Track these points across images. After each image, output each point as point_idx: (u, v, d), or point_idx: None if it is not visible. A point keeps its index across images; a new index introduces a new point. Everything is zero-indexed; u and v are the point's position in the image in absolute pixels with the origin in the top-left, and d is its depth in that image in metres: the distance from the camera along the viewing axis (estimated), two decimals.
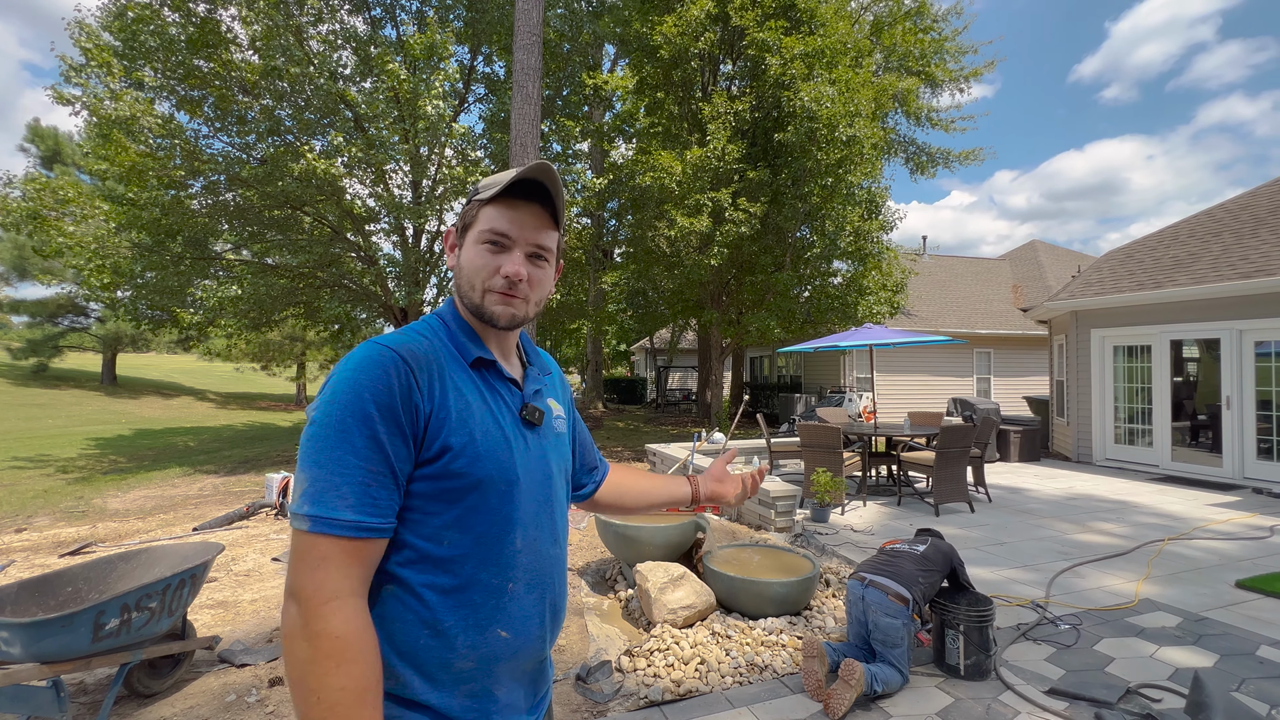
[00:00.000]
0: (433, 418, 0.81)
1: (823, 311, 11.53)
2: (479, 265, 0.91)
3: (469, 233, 0.94)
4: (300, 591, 0.73)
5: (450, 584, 0.82)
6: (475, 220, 0.93)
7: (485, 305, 0.92)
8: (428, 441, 0.81)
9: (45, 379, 23.21)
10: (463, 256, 0.94)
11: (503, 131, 11.03)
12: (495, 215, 0.91)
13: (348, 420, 0.76)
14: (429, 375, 0.83)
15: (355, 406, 0.76)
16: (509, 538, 0.87)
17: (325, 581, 0.73)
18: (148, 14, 9.24)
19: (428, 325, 0.93)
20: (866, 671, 2.59)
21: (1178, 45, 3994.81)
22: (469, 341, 0.93)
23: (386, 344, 0.82)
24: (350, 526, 0.74)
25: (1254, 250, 7.83)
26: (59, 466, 10.08)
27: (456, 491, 0.82)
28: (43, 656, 2.28)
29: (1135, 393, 8.75)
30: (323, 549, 0.73)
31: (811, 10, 10.88)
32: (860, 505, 6.26)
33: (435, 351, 0.86)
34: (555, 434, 1.02)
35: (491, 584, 0.85)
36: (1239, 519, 5.76)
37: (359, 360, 0.80)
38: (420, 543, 0.81)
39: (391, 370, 0.79)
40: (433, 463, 0.81)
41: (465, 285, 0.93)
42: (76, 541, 5.49)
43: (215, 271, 11.21)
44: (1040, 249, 20.50)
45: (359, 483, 0.75)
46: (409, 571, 0.81)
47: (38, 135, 23.44)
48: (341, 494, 0.74)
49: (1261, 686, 2.73)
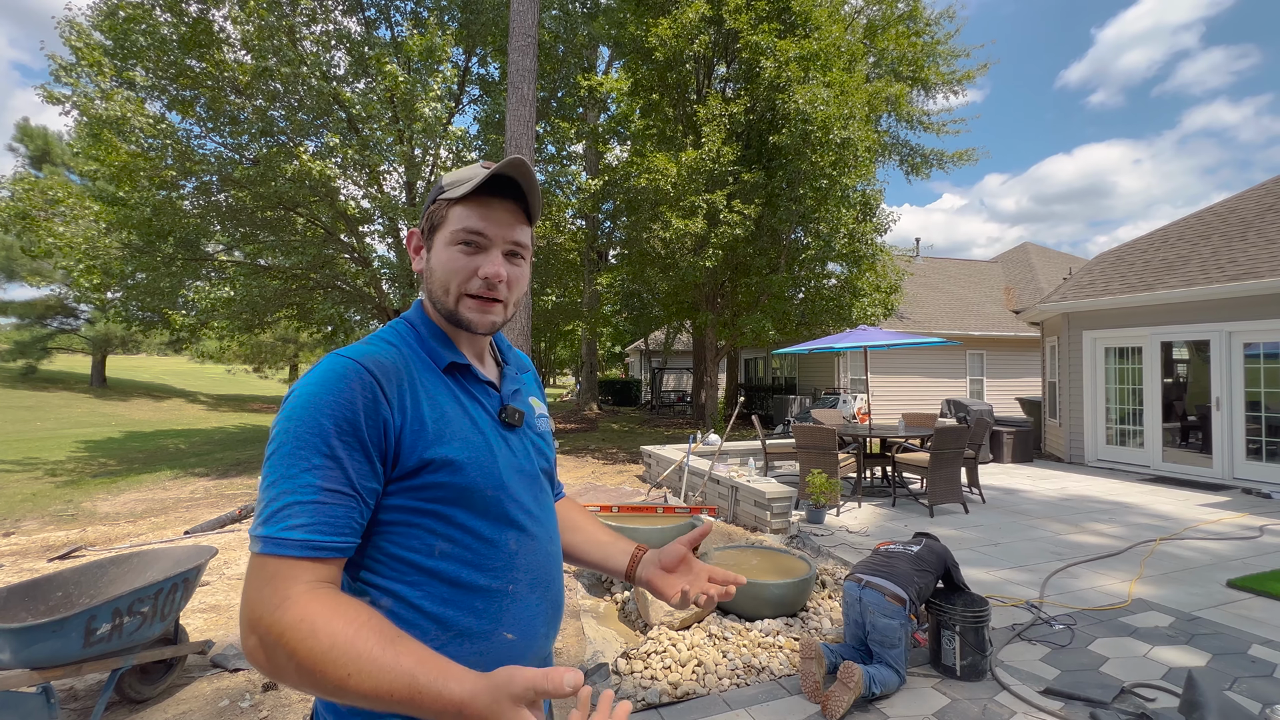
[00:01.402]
0: (405, 431, 0.79)
1: (817, 313, 11.58)
2: (454, 268, 0.87)
3: (438, 234, 0.89)
4: (252, 612, 0.68)
5: (448, 593, 0.81)
6: (445, 220, 0.88)
7: (460, 312, 0.88)
8: (402, 456, 0.78)
9: (33, 381, 22.97)
10: (433, 259, 0.90)
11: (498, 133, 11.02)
12: (467, 214, 0.87)
13: (305, 437, 0.73)
14: (398, 386, 0.80)
15: (313, 423, 0.73)
16: (503, 541, 0.86)
17: (274, 593, 0.69)
18: (139, 13, 9.19)
19: (395, 332, 0.90)
20: (865, 674, 2.60)
21: (1162, 52, 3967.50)
22: (440, 346, 0.90)
23: (350, 356, 0.79)
24: (302, 546, 0.71)
25: (1242, 253, 7.92)
26: (47, 469, 9.97)
27: (441, 502, 0.81)
28: (33, 662, 2.26)
29: (1126, 394, 8.82)
30: (271, 568, 0.70)
31: (806, 14, 10.94)
32: (855, 507, 6.28)
33: (404, 360, 0.83)
34: (537, 433, 1.00)
35: (491, 588, 0.84)
36: (1230, 519, 5.82)
37: (320, 374, 0.77)
38: (412, 555, 0.80)
39: (355, 384, 0.76)
40: (411, 476, 0.79)
41: (438, 289, 0.89)
42: (66, 545, 5.43)
43: (207, 273, 11.14)
44: (1032, 251, 20.65)
45: (313, 501, 0.72)
46: (403, 586, 0.79)
47: (26, 135, 23.22)
48: (293, 513, 0.71)
49: (1253, 685, 2.76)
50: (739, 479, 5.87)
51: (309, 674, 0.66)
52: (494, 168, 0.86)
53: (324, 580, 0.72)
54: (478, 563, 0.83)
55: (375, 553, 0.80)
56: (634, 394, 27.04)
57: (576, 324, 13.97)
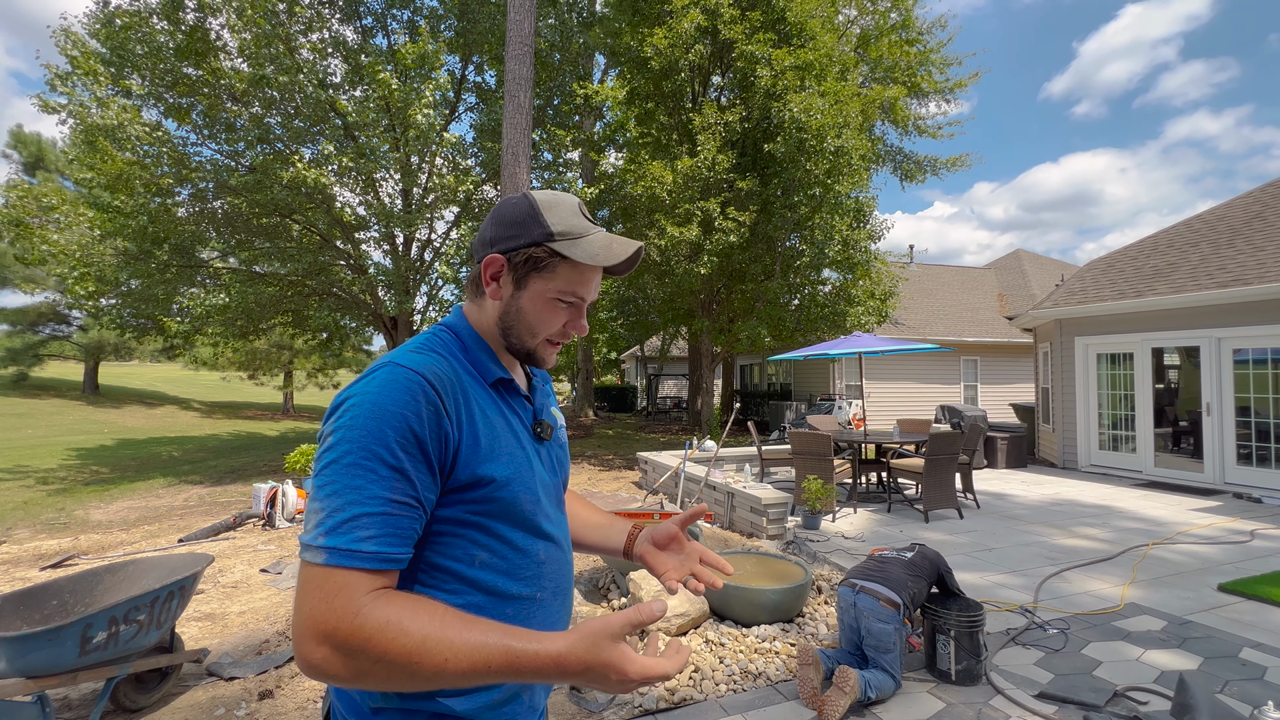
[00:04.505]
0: (462, 445, 0.80)
1: (812, 320, 11.63)
2: (549, 319, 0.91)
3: (539, 281, 0.89)
4: (324, 624, 0.68)
5: (484, 601, 0.83)
6: (552, 274, 0.89)
7: (538, 352, 0.94)
8: (457, 469, 0.79)
9: (25, 388, 22.80)
10: (525, 301, 0.90)
11: (494, 140, 11.06)
12: (578, 279, 0.90)
13: (370, 446, 0.72)
14: (455, 401, 0.81)
15: (377, 433, 0.72)
16: (534, 551, 0.88)
17: (349, 602, 0.69)
18: (136, 21, 9.21)
19: (441, 342, 0.89)
20: (860, 678, 2.61)
21: (1142, 64, 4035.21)
22: (489, 360, 0.91)
23: (411, 366, 0.78)
24: (373, 558, 0.71)
25: (1230, 260, 8.02)
26: (39, 477, 9.89)
27: (487, 515, 0.83)
28: (28, 671, 2.25)
29: (1118, 399, 8.90)
30: (340, 579, 0.69)
31: (800, 24, 11.05)
32: (851, 512, 6.30)
33: (456, 373, 0.84)
34: (560, 444, 1.04)
35: (522, 596, 0.87)
36: (1220, 523, 5.87)
37: (383, 382, 0.76)
38: (453, 565, 0.81)
39: (420, 395, 0.76)
40: (464, 490, 0.80)
41: (525, 331, 0.91)
42: (58, 554, 5.39)
43: (202, 279, 11.11)
44: (1025, 258, 20.82)
45: (382, 513, 0.71)
46: (442, 593, 0.81)
47: (20, 141, 23.16)
48: (362, 524, 0.70)
49: (1244, 688, 2.79)
50: (735, 485, 5.88)
51: (403, 669, 0.68)
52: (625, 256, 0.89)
53: (385, 587, 0.73)
54: (512, 572, 0.86)
55: (419, 561, 0.80)
56: (630, 400, 27.03)
57: None
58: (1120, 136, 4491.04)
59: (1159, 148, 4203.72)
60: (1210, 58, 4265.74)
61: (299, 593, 0.70)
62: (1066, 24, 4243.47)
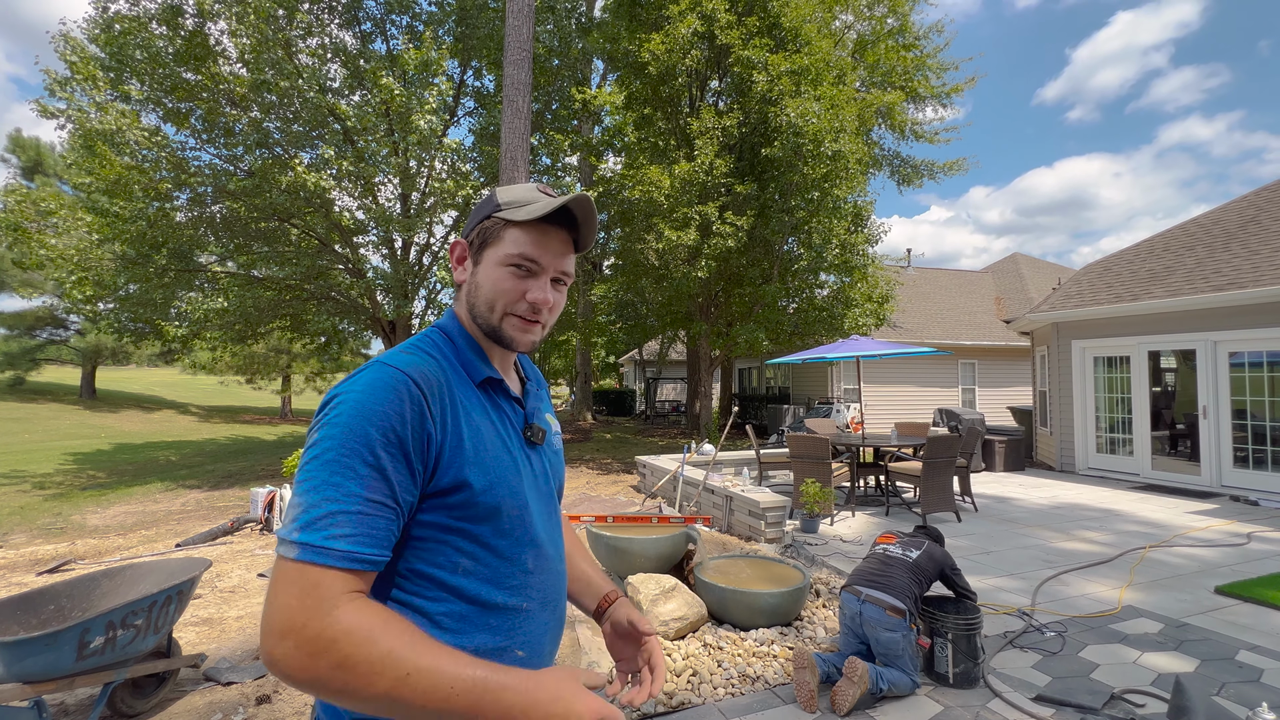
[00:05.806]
0: (445, 447, 0.78)
1: (810, 323, 11.66)
2: (504, 289, 0.88)
3: (489, 250, 0.90)
4: (293, 619, 0.66)
5: (466, 610, 0.81)
6: (499, 239, 0.89)
7: (504, 329, 0.90)
8: (439, 472, 0.78)
9: (22, 393, 22.73)
10: (481, 274, 0.90)
11: (492, 145, 11.10)
12: (525, 240, 0.88)
13: (350, 444, 0.71)
14: (441, 402, 0.79)
15: (360, 431, 0.72)
16: (522, 560, 0.87)
17: (320, 601, 0.67)
18: (135, 26, 9.23)
19: (432, 342, 0.89)
20: (871, 669, 2.64)
21: (1134, 71, 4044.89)
22: (478, 360, 0.90)
23: (398, 366, 0.78)
24: (344, 557, 0.69)
25: (1226, 264, 8.06)
26: (35, 482, 9.85)
27: (470, 520, 0.81)
28: (25, 676, 2.24)
29: (1116, 403, 8.92)
30: (313, 576, 0.68)
31: (796, 30, 11.11)
32: (849, 515, 6.30)
33: (445, 374, 0.83)
34: (553, 450, 1.02)
35: (508, 606, 0.85)
36: (1217, 526, 5.88)
37: (368, 382, 0.76)
38: (435, 571, 0.80)
39: (404, 395, 0.75)
40: (446, 494, 0.79)
41: (483, 305, 0.90)
42: (55, 559, 5.37)
43: (200, 284, 11.11)
44: (1022, 262, 20.89)
45: (357, 512, 0.70)
46: (424, 600, 0.79)
47: (19, 146, 23.17)
48: (337, 522, 0.69)
49: (1241, 690, 2.79)
50: (733, 489, 5.89)
51: (361, 678, 0.65)
52: (560, 200, 0.87)
53: (358, 591, 0.71)
54: (497, 580, 0.84)
55: (399, 566, 0.79)
56: (628, 404, 27.02)
57: (571, 334, 14.02)
58: (1114, 141, 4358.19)
59: (1152, 152, 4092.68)
60: (1201, 64, 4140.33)
61: (271, 586, 0.69)
62: (1059, 30, 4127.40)
